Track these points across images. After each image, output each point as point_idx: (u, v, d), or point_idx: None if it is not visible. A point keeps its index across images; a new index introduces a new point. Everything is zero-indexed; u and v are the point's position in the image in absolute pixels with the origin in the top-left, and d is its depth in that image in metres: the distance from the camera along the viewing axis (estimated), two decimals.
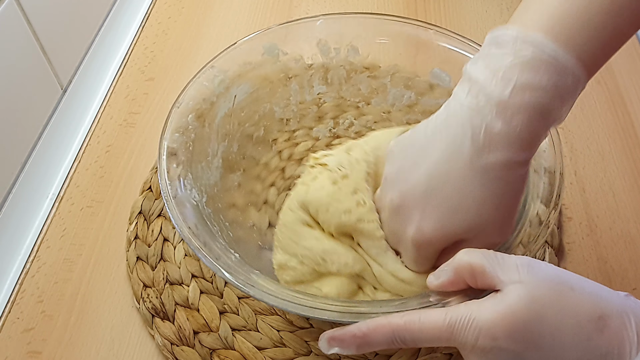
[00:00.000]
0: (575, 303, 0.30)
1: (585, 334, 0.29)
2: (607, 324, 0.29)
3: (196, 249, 0.39)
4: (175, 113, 0.47)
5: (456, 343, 0.31)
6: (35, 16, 0.57)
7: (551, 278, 0.30)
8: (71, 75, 0.65)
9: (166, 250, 0.53)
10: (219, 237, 0.42)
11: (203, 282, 0.51)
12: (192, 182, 0.44)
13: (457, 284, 0.34)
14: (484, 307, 0.30)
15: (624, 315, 0.29)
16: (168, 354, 0.47)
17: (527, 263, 0.31)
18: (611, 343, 0.29)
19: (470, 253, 0.33)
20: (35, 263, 0.53)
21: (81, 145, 0.63)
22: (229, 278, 0.37)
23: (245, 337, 0.48)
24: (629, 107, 0.65)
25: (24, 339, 0.49)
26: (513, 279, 0.30)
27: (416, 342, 0.32)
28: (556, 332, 0.29)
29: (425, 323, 0.31)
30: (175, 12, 0.78)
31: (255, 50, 0.43)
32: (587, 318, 0.29)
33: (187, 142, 0.46)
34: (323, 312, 0.36)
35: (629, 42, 0.78)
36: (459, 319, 0.30)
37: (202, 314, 0.49)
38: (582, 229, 0.56)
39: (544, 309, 0.29)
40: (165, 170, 0.43)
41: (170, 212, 0.41)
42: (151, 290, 0.50)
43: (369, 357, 0.47)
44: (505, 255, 0.32)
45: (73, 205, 0.58)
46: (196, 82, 0.49)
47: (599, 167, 0.60)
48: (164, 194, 0.42)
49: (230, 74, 0.51)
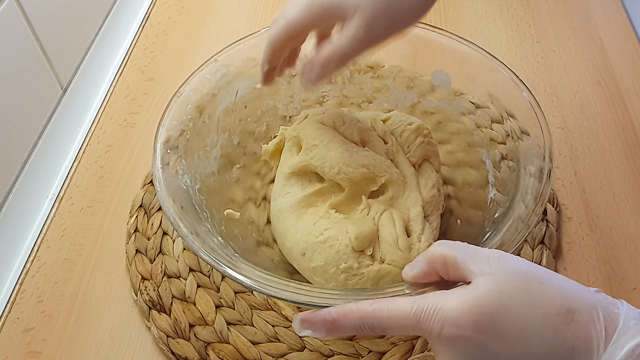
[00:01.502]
0: (544, 296, 0.30)
1: (552, 327, 0.29)
2: (574, 318, 0.29)
3: (174, 222, 0.40)
4: (175, 102, 0.47)
5: (422, 332, 0.31)
6: (35, 16, 0.57)
7: (521, 270, 0.31)
8: (71, 75, 0.65)
9: (165, 244, 0.54)
10: (208, 224, 0.43)
11: (200, 276, 0.51)
12: (185, 168, 0.46)
13: (431, 275, 0.34)
14: (451, 296, 0.30)
15: (592, 310, 0.30)
16: (164, 346, 0.48)
17: (499, 256, 0.31)
18: (578, 337, 0.29)
19: (444, 245, 0.33)
20: (35, 263, 0.53)
21: (81, 145, 0.63)
22: (198, 247, 0.38)
23: (240, 332, 0.48)
24: (629, 107, 0.65)
25: (24, 339, 0.49)
26: (483, 270, 0.31)
27: (384, 330, 0.32)
28: (523, 324, 0.29)
29: (393, 311, 0.32)
30: (175, 12, 0.78)
31: (260, 47, 0.44)
32: (554, 311, 0.29)
33: (184, 130, 0.47)
34: (294, 295, 0.36)
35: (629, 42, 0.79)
36: (425, 308, 0.30)
37: (198, 308, 0.50)
38: (582, 229, 0.56)
39: (512, 301, 0.29)
40: (159, 154, 0.44)
41: (157, 191, 0.42)
42: (149, 283, 0.51)
43: (362, 353, 0.47)
44: (478, 248, 0.32)
45: (73, 205, 0.58)
46: (199, 74, 0.49)
47: (599, 167, 0.60)
48: (155, 174, 0.43)
49: (233, 68, 0.51)
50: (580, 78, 0.68)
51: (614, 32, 0.73)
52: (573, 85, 0.67)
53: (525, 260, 0.32)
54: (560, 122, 0.64)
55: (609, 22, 0.74)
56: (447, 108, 0.54)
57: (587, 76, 0.68)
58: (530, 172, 0.43)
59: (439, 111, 0.55)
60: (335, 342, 0.48)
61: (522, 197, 0.42)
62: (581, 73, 0.69)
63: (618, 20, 0.75)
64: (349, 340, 0.48)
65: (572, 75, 0.69)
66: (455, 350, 0.30)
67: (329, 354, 0.47)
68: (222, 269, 0.38)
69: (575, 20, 0.75)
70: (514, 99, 0.47)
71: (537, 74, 0.69)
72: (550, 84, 0.68)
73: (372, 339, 0.48)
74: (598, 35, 0.73)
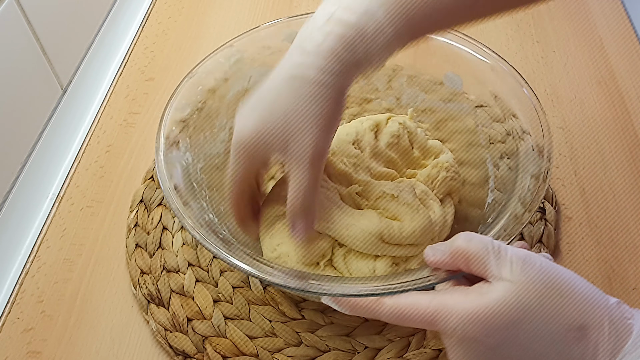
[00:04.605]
0: (559, 310, 0.30)
1: (562, 342, 0.30)
2: (586, 335, 0.30)
3: (167, 191, 0.41)
4: (187, 82, 0.48)
5: (437, 329, 0.32)
6: (35, 16, 0.57)
7: (542, 279, 0.31)
8: (71, 75, 0.65)
9: (165, 239, 0.54)
10: (204, 202, 0.44)
11: (199, 270, 0.52)
12: (188, 145, 0.46)
13: (452, 266, 0.35)
14: (467, 300, 0.31)
15: (604, 326, 0.30)
16: (161, 340, 0.48)
17: (523, 259, 0.31)
18: (586, 353, 0.30)
19: (469, 241, 0.33)
20: (35, 263, 0.53)
21: (81, 145, 0.63)
22: (189, 224, 0.39)
23: (238, 326, 0.49)
24: (629, 107, 0.65)
25: (24, 339, 0.49)
26: (504, 276, 0.31)
27: (402, 323, 0.33)
28: (534, 336, 0.30)
29: (411, 308, 0.32)
30: (175, 12, 0.78)
31: (276, 36, 0.44)
32: (567, 327, 0.30)
33: (193, 110, 0.48)
34: (273, 275, 0.37)
35: (629, 42, 0.79)
36: (441, 309, 0.31)
37: (196, 302, 0.50)
38: (582, 229, 0.56)
39: (526, 313, 0.30)
40: (164, 129, 0.45)
41: (157, 165, 0.43)
42: (148, 277, 0.51)
43: (358, 349, 0.47)
44: (503, 247, 0.32)
45: (73, 205, 0.58)
46: (213, 57, 0.50)
47: (599, 167, 0.60)
48: (157, 147, 0.44)
49: (247, 55, 0.51)
50: (580, 78, 0.68)
51: (614, 32, 0.73)
52: (573, 85, 0.67)
53: (550, 262, 0.32)
54: (560, 122, 0.64)
55: (609, 22, 0.74)
56: (448, 107, 0.54)
57: (587, 76, 0.68)
58: (529, 171, 0.43)
59: (440, 110, 0.55)
60: (332, 338, 0.48)
61: (519, 196, 0.42)
62: (581, 73, 0.69)
63: (618, 20, 0.75)
64: (345, 336, 0.48)
65: (572, 75, 0.69)
66: (464, 350, 0.31)
67: (325, 349, 0.47)
68: (197, 236, 0.39)
69: (575, 20, 0.75)
70: (515, 97, 0.47)
71: (537, 74, 0.69)
72: (550, 84, 0.68)
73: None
74: (598, 35, 0.73)
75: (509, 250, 0.32)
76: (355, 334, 0.48)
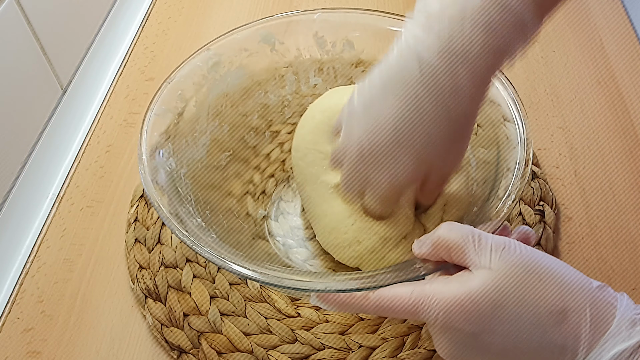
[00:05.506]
0: (539, 294, 0.30)
1: (542, 326, 0.30)
2: (566, 318, 0.30)
3: (152, 196, 0.41)
4: (166, 88, 0.48)
5: (420, 319, 0.32)
6: (35, 16, 0.57)
7: (522, 265, 0.31)
8: (71, 75, 0.65)
9: (163, 234, 0.54)
10: (191, 208, 0.44)
11: (197, 266, 0.52)
12: (170, 151, 0.46)
13: (435, 257, 0.35)
14: (447, 288, 0.31)
15: (586, 309, 0.30)
16: (157, 334, 0.48)
17: (502, 247, 0.31)
18: (568, 337, 0.30)
19: (450, 231, 0.34)
20: (35, 263, 0.53)
21: (81, 145, 0.63)
22: (173, 223, 0.39)
23: (233, 322, 0.49)
24: (629, 107, 0.65)
25: (24, 339, 0.49)
26: (484, 263, 0.31)
27: (387, 315, 0.34)
28: (514, 321, 0.30)
29: (393, 300, 0.33)
30: (175, 12, 0.78)
31: (252, 38, 0.44)
32: (547, 310, 0.30)
33: (173, 116, 0.48)
34: (254, 273, 0.36)
35: (629, 42, 0.78)
36: (422, 299, 0.32)
37: (193, 298, 0.50)
38: (582, 229, 0.56)
39: (506, 298, 0.30)
40: (146, 136, 0.45)
41: (141, 172, 0.43)
42: (146, 272, 0.52)
43: (353, 348, 0.47)
44: (484, 235, 0.32)
45: (73, 205, 0.58)
46: (190, 62, 0.50)
47: (599, 167, 0.60)
48: (140, 155, 0.44)
49: (225, 57, 0.51)
50: (580, 78, 0.68)
51: (614, 32, 0.73)
52: (573, 85, 0.67)
53: (532, 249, 0.32)
54: (560, 122, 0.64)
55: (609, 22, 0.74)
56: None
57: (587, 76, 0.68)
58: (509, 166, 0.43)
59: None
60: (327, 336, 0.48)
61: (500, 190, 0.42)
62: (581, 73, 0.69)
63: (618, 20, 0.75)
64: (340, 335, 0.48)
65: (572, 75, 0.69)
66: (448, 338, 0.32)
67: (320, 347, 0.47)
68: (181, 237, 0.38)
69: (575, 20, 0.75)
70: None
71: (537, 74, 0.69)
72: (550, 84, 0.68)
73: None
74: (598, 35, 0.73)
75: (490, 239, 0.32)
76: (350, 332, 0.48)
